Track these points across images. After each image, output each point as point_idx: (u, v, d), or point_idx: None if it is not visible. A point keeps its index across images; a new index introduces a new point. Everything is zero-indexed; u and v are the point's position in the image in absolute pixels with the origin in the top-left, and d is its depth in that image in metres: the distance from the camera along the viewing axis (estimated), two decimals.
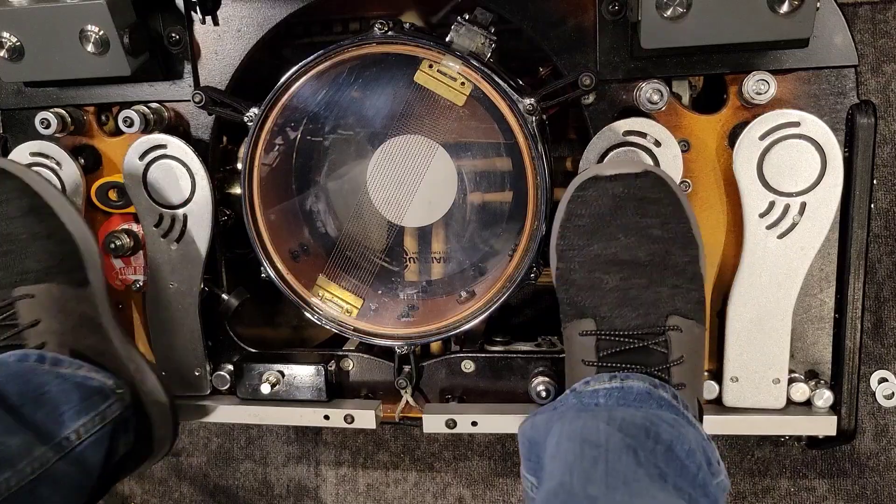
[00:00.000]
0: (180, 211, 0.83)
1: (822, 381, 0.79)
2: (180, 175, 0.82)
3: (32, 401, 0.66)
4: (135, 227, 0.88)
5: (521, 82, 0.78)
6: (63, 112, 0.85)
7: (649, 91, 0.74)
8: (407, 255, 0.85)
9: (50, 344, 0.71)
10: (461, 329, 0.80)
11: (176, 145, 0.82)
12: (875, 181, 0.77)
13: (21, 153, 0.85)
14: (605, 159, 0.75)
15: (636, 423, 0.56)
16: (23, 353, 0.70)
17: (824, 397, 0.78)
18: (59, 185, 0.84)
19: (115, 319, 0.80)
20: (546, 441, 0.60)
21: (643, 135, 0.74)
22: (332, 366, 0.86)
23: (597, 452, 0.54)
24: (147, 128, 0.82)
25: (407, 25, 0.76)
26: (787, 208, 0.73)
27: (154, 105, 0.84)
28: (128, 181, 0.84)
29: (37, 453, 0.64)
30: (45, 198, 0.75)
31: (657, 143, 0.74)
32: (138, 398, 0.77)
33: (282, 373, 0.86)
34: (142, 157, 0.83)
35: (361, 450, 1.12)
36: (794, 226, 0.73)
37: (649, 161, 0.74)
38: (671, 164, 0.75)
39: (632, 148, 0.75)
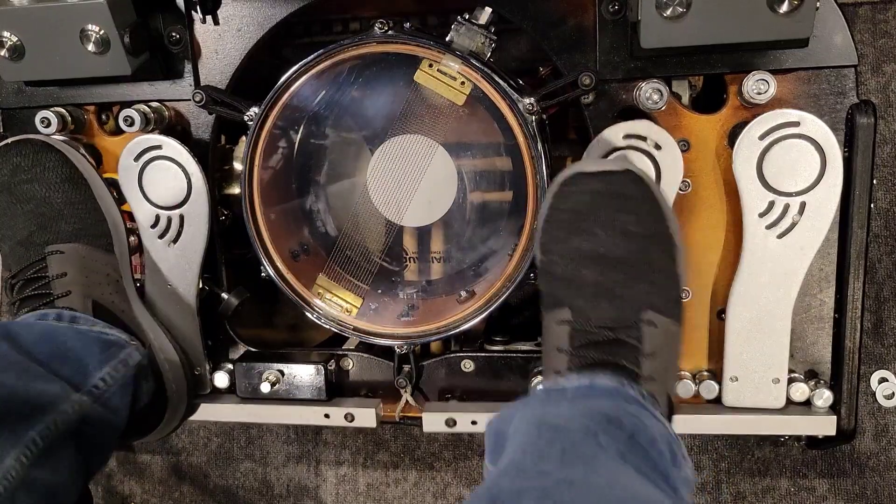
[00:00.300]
0: (177, 212, 0.83)
1: (822, 381, 0.79)
2: (176, 176, 0.82)
3: (59, 356, 0.71)
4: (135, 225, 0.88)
5: (521, 82, 0.78)
6: (63, 111, 0.85)
7: (649, 91, 0.74)
8: (407, 254, 0.85)
9: (74, 294, 0.77)
10: (461, 329, 0.80)
11: (171, 146, 0.82)
12: (875, 181, 0.77)
13: None
14: None
15: (599, 411, 0.57)
16: (41, 313, 0.76)
17: (824, 397, 0.78)
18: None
19: (134, 286, 0.85)
20: (509, 429, 0.60)
21: (643, 138, 0.74)
22: (332, 365, 0.87)
23: (554, 434, 0.55)
24: (147, 127, 0.82)
25: (407, 25, 0.76)
26: (786, 208, 0.73)
27: (154, 104, 0.84)
28: (123, 182, 0.84)
29: (74, 398, 0.69)
30: (81, 171, 0.81)
31: (657, 147, 0.74)
32: (152, 354, 0.83)
33: (282, 372, 0.86)
34: (137, 157, 0.82)
35: (361, 450, 1.12)
36: (793, 225, 0.73)
37: (648, 162, 0.74)
38: (672, 166, 0.74)
39: (632, 151, 0.74)
